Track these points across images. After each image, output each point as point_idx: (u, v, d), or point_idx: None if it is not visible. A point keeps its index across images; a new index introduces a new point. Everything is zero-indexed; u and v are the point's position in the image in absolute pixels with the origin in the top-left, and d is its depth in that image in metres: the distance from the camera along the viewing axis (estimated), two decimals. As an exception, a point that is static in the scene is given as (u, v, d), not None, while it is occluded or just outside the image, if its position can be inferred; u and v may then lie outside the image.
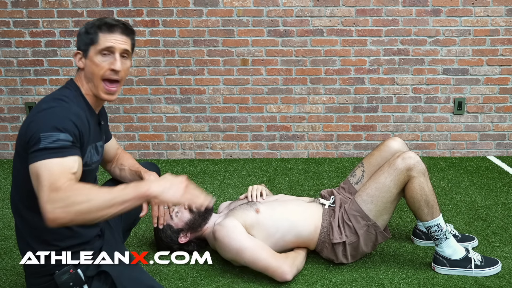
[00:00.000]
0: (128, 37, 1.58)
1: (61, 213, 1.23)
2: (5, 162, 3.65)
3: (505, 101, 3.63)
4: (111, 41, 1.53)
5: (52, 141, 1.34)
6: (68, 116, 1.41)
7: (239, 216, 1.99)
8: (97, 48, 1.53)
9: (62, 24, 3.51)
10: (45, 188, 1.27)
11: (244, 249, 1.89)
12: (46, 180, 1.28)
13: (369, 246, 2.02)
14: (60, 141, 1.35)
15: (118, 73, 1.55)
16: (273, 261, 1.89)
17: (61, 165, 1.33)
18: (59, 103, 1.46)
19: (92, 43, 1.53)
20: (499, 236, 2.32)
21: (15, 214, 1.55)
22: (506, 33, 3.50)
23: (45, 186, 1.27)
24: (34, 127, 1.38)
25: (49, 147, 1.33)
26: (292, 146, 3.72)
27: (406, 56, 3.55)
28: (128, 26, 1.59)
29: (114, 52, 1.54)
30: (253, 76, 3.60)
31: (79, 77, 1.59)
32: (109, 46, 1.53)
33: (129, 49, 1.58)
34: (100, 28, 1.53)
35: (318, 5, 3.47)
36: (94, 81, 1.55)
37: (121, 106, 3.66)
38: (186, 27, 3.51)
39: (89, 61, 1.54)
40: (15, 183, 1.52)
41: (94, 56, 1.53)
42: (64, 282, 1.52)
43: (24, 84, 3.62)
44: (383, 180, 1.93)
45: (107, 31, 1.53)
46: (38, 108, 1.44)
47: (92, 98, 1.59)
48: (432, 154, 3.72)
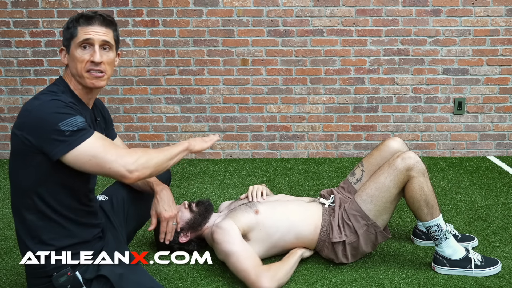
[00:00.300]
0: (108, 28, 1.55)
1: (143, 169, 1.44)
2: (5, 162, 3.65)
3: (505, 101, 3.63)
4: (89, 33, 1.51)
5: (74, 125, 1.39)
6: (64, 102, 1.43)
7: (237, 218, 1.99)
8: (76, 42, 1.51)
9: (62, 24, 3.51)
10: (112, 157, 1.40)
11: (231, 254, 1.87)
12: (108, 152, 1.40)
13: (369, 245, 2.02)
14: (80, 122, 1.41)
15: (100, 65, 1.54)
16: (253, 273, 1.82)
17: (104, 138, 1.45)
18: (48, 96, 1.46)
19: (72, 37, 1.52)
20: (499, 236, 2.32)
21: (14, 215, 1.55)
22: (506, 33, 3.50)
23: (111, 156, 1.40)
24: (45, 124, 1.38)
25: (79, 129, 1.39)
26: (292, 146, 3.72)
27: (406, 56, 3.55)
28: (107, 17, 1.57)
29: (93, 44, 1.52)
30: (253, 76, 3.60)
31: (66, 73, 1.58)
32: (87, 38, 1.51)
33: (109, 41, 1.55)
34: (78, 21, 1.52)
35: (318, 5, 3.47)
36: (78, 74, 1.53)
37: (121, 106, 3.66)
38: (186, 27, 3.51)
39: (71, 56, 1.53)
40: (13, 184, 1.52)
41: (74, 50, 1.52)
42: (61, 284, 1.51)
43: (24, 84, 3.62)
44: (383, 180, 1.93)
45: (85, 24, 1.52)
46: (27, 109, 1.42)
47: (81, 91, 1.58)
48: (432, 154, 3.72)
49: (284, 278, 1.89)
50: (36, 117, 1.39)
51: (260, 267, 1.85)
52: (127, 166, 1.40)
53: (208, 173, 3.36)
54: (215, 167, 3.51)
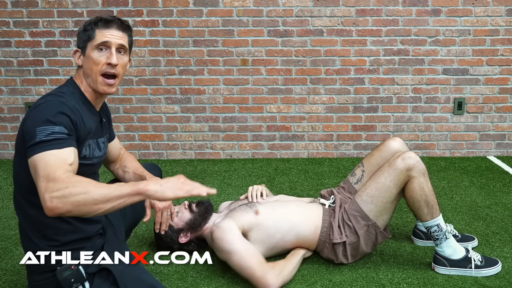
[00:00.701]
0: (124, 33, 1.60)
1: (59, 203, 1.25)
2: (5, 162, 3.65)
3: (505, 101, 3.63)
4: (107, 36, 1.56)
5: (47, 134, 1.37)
6: (61, 109, 1.43)
7: (237, 218, 1.99)
8: (94, 44, 1.55)
9: (62, 24, 3.51)
10: (43, 178, 1.30)
11: (234, 252, 1.87)
12: (43, 171, 1.31)
13: (369, 246, 2.02)
14: (55, 133, 1.38)
15: (115, 68, 1.57)
16: (258, 271, 1.82)
17: (58, 157, 1.36)
18: (53, 97, 1.48)
19: (89, 39, 1.56)
20: (499, 236, 2.32)
21: (18, 211, 1.56)
22: (506, 33, 3.50)
23: (43, 177, 1.30)
24: (29, 123, 1.41)
25: (45, 140, 1.36)
26: (292, 146, 3.72)
27: (406, 56, 3.55)
28: (124, 22, 1.61)
29: (110, 46, 1.56)
30: (253, 76, 3.60)
31: (78, 74, 1.61)
32: (105, 40, 1.55)
33: (125, 45, 1.60)
34: (96, 24, 1.56)
35: (318, 5, 3.47)
36: (92, 76, 1.57)
37: (121, 106, 3.66)
38: (186, 27, 3.51)
39: (86, 57, 1.57)
40: (17, 180, 1.54)
41: (91, 52, 1.56)
42: (65, 278, 1.52)
43: (24, 84, 3.62)
44: (383, 180, 1.93)
45: (103, 27, 1.56)
46: (33, 105, 1.47)
47: (91, 94, 1.61)
48: (432, 154, 3.72)
49: (289, 275, 1.91)
50: (31, 116, 1.43)
51: (265, 264, 1.86)
52: (48, 193, 1.26)
53: (208, 173, 3.36)
54: (215, 167, 3.51)
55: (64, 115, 1.43)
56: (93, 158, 1.60)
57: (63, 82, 3.79)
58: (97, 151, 1.63)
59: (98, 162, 1.66)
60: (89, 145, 1.57)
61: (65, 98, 1.49)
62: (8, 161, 3.68)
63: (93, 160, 1.60)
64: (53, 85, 3.60)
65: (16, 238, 2.36)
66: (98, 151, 1.63)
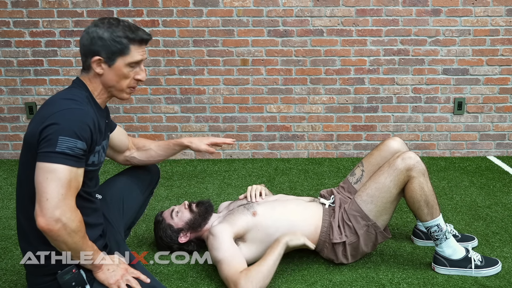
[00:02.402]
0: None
1: (53, 227, 1.35)
2: (5, 162, 3.65)
3: (505, 101, 3.63)
4: (141, 54, 1.55)
5: (69, 147, 1.37)
6: (86, 122, 1.42)
7: (233, 221, 1.99)
8: (128, 61, 1.53)
9: (62, 24, 3.51)
10: (61, 197, 1.35)
11: (217, 261, 1.88)
12: (65, 188, 1.36)
13: (369, 246, 2.02)
14: (77, 149, 1.39)
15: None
16: (231, 282, 1.80)
17: (77, 177, 1.40)
18: (77, 104, 1.45)
19: (121, 53, 1.52)
20: (499, 236, 2.32)
21: (19, 212, 1.55)
22: (506, 33, 3.50)
23: (62, 194, 1.35)
24: (53, 128, 1.38)
25: (66, 153, 1.37)
26: (292, 146, 3.72)
27: (406, 56, 3.55)
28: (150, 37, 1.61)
29: (139, 63, 1.56)
30: (253, 76, 3.60)
31: (91, 80, 1.57)
32: (140, 60, 1.55)
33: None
34: (132, 41, 1.52)
35: (318, 5, 3.47)
36: (117, 87, 1.56)
37: (121, 106, 3.66)
38: (186, 27, 3.51)
39: (113, 69, 1.53)
40: (23, 179, 1.52)
41: (122, 67, 1.53)
42: (66, 281, 1.52)
43: (24, 84, 3.62)
44: (383, 180, 1.93)
45: (137, 44, 1.54)
46: (56, 107, 1.43)
47: (103, 99, 1.60)
48: (432, 154, 3.72)
49: (264, 280, 1.80)
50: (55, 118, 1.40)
51: (238, 274, 1.80)
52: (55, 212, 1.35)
53: (208, 173, 3.36)
54: (215, 167, 3.51)
55: (87, 128, 1.42)
56: (100, 163, 1.61)
57: (63, 82, 3.80)
58: (103, 155, 1.63)
59: (101, 165, 1.67)
60: (98, 151, 1.56)
61: (86, 107, 1.47)
62: (8, 161, 3.68)
63: (99, 166, 1.61)
64: (53, 85, 3.60)
65: (16, 238, 2.35)
66: (103, 155, 1.63)
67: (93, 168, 1.55)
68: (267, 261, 1.84)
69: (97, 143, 1.52)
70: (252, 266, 1.83)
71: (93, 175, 1.60)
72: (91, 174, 1.56)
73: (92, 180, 1.60)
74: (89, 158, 1.51)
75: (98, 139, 1.52)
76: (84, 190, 1.54)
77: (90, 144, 1.45)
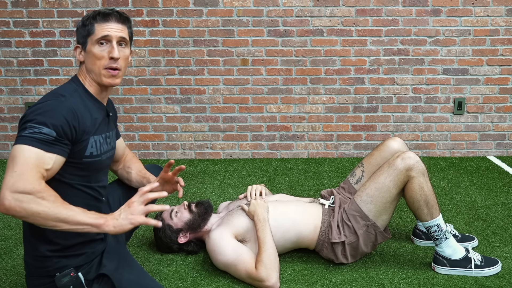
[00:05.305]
0: (123, 25, 1.58)
1: (17, 207, 1.29)
2: (5, 162, 3.65)
3: (505, 101, 3.63)
4: (107, 30, 1.54)
5: (34, 132, 1.38)
6: (58, 111, 1.43)
7: (232, 223, 1.99)
8: (94, 39, 1.53)
9: (62, 24, 3.51)
10: (15, 174, 1.32)
11: (227, 265, 1.90)
12: (19, 166, 1.33)
13: (368, 246, 2.02)
14: (42, 134, 1.39)
15: (118, 61, 1.56)
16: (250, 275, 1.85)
17: (39, 158, 1.37)
18: (55, 97, 1.47)
19: (89, 34, 1.54)
20: (499, 236, 2.32)
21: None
22: (506, 33, 3.50)
23: (16, 172, 1.32)
24: (26, 117, 1.42)
25: (33, 137, 1.38)
26: (292, 146, 3.72)
27: (406, 56, 3.55)
28: (123, 14, 1.59)
29: (111, 40, 1.54)
30: (253, 76, 3.60)
31: (81, 71, 1.60)
32: (105, 34, 1.53)
33: (125, 37, 1.58)
34: (95, 18, 1.54)
35: (318, 5, 3.47)
36: (95, 70, 1.55)
37: (121, 106, 3.66)
38: (186, 27, 3.51)
39: (88, 53, 1.55)
40: None
41: (92, 47, 1.54)
42: (64, 285, 1.52)
43: (24, 84, 3.62)
44: (383, 180, 1.93)
45: (102, 21, 1.54)
46: (33, 105, 1.47)
47: (96, 89, 1.60)
48: (432, 154, 3.72)
49: (276, 259, 1.88)
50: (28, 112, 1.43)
51: (256, 271, 1.84)
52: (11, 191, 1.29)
53: (208, 173, 3.36)
54: (215, 167, 3.51)
55: (60, 118, 1.42)
56: (102, 154, 1.59)
57: (63, 82, 3.81)
58: (105, 146, 1.61)
59: (107, 158, 1.64)
60: (95, 141, 1.55)
61: (66, 98, 1.47)
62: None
63: (102, 157, 1.59)
64: (53, 85, 3.60)
65: (16, 238, 2.36)
66: (106, 145, 1.62)
67: (92, 159, 1.53)
68: (267, 242, 1.89)
69: (89, 133, 1.51)
70: (259, 255, 1.87)
71: (95, 167, 1.58)
72: (95, 166, 1.55)
73: (95, 173, 1.59)
74: (87, 149, 1.51)
75: (88, 129, 1.51)
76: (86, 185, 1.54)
77: (70, 132, 1.44)
